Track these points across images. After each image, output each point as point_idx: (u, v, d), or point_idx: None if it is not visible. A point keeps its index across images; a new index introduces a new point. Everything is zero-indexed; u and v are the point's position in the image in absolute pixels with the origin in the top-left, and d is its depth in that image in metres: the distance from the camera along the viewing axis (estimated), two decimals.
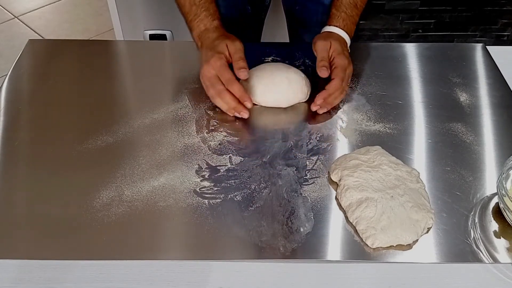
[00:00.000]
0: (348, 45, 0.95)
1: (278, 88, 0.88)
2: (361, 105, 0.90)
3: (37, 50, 1.04)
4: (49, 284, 0.63)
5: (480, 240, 0.68)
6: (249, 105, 0.85)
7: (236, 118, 0.87)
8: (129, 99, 0.94)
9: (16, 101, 0.90)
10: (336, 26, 0.94)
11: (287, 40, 1.32)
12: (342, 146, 0.82)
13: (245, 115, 0.85)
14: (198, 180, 0.76)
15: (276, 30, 1.45)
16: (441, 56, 1.03)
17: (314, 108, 0.87)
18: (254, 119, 0.88)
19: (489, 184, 0.76)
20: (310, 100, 0.89)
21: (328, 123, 0.86)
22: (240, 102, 0.85)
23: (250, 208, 0.72)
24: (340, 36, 0.93)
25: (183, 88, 0.93)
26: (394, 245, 0.67)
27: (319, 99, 0.86)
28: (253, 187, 0.75)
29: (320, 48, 0.90)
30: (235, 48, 0.86)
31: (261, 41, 1.29)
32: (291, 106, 0.89)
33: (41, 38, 2.41)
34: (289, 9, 1.23)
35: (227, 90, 0.84)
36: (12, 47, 2.36)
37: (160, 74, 0.98)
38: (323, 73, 0.87)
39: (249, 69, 0.86)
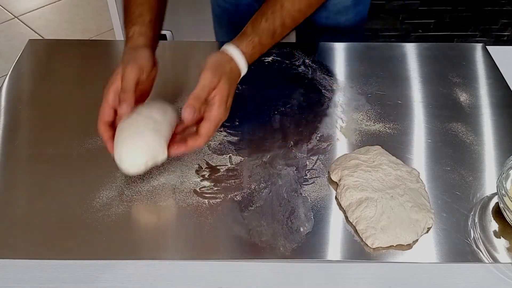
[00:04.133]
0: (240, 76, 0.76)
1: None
2: (361, 105, 0.90)
3: (37, 50, 1.04)
4: (49, 284, 0.63)
5: (480, 240, 0.68)
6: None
7: (236, 117, 0.87)
8: None
9: (16, 101, 0.90)
10: (241, 51, 0.75)
11: (292, 40, 1.30)
12: (342, 146, 0.82)
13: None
14: (198, 180, 0.76)
15: None
16: (441, 56, 1.03)
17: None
18: (254, 119, 0.88)
19: (489, 184, 0.76)
20: (311, 102, 0.89)
21: (328, 123, 0.86)
22: None
23: (250, 208, 0.72)
24: (237, 70, 0.75)
25: (183, 88, 0.93)
26: (394, 245, 0.67)
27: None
28: (253, 187, 0.75)
29: (203, 83, 0.70)
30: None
31: None
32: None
33: (41, 38, 2.41)
34: None
35: None
36: (12, 47, 2.37)
37: (160, 74, 0.98)
38: (186, 114, 0.69)
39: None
